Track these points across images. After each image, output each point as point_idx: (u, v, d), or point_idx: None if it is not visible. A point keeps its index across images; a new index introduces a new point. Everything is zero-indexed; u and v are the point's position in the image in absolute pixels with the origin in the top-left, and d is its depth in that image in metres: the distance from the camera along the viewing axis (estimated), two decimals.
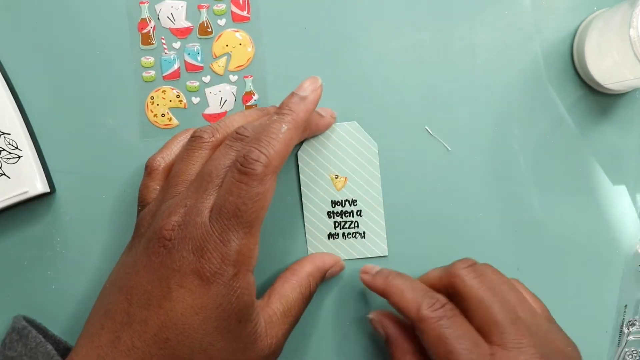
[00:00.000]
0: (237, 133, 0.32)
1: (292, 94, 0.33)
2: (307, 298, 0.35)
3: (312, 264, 0.37)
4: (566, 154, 0.40)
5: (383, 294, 0.35)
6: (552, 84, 0.40)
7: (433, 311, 0.31)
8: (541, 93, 0.40)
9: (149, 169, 0.35)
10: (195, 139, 0.34)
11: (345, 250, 0.39)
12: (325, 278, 0.38)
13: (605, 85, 0.38)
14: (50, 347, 0.34)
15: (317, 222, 0.40)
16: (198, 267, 0.29)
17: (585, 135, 0.40)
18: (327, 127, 0.39)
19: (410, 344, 0.35)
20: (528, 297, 0.35)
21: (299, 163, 0.40)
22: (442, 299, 0.32)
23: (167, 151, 0.36)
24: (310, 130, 0.38)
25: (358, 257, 0.40)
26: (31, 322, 0.38)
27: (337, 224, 0.39)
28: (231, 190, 0.30)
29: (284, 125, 0.31)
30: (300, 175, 0.40)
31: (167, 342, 0.30)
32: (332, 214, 0.39)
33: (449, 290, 0.33)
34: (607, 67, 0.37)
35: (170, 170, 0.35)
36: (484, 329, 0.31)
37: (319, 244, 0.40)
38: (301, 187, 0.40)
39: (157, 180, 0.35)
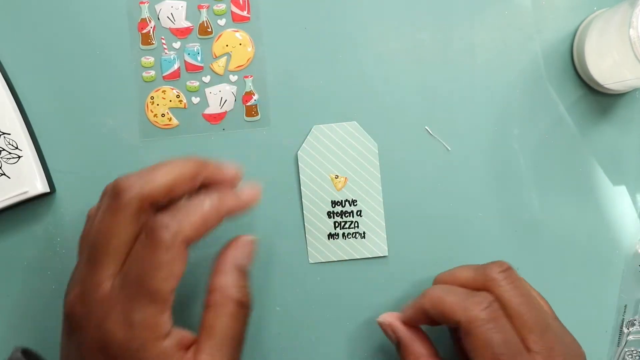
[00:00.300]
0: (113, 188, 0.30)
1: (230, 188, 0.32)
2: (239, 314, 0.30)
3: (222, 272, 0.31)
4: (566, 154, 0.40)
5: (423, 313, 0.33)
6: (552, 84, 0.40)
7: (482, 310, 0.30)
8: (541, 93, 0.40)
9: (87, 218, 0.34)
10: (103, 194, 0.32)
11: (345, 250, 0.39)
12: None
13: (605, 85, 0.38)
14: None
15: (317, 222, 0.40)
16: (104, 344, 0.28)
17: (585, 135, 0.40)
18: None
19: (424, 347, 0.34)
20: (536, 295, 0.35)
21: (299, 163, 0.40)
22: (487, 296, 0.31)
23: None
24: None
25: (358, 257, 0.40)
26: (31, 355, 0.36)
27: (337, 224, 0.39)
28: (136, 257, 0.28)
29: (206, 202, 0.30)
30: (300, 175, 0.40)
31: None
32: (332, 214, 0.39)
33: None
34: (607, 67, 0.37)
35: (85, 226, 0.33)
36: (519, 334, 0.31)
37: (319, 244, 0.40)
38: (301, 187, 0.40)
39: None
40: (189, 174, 0.31)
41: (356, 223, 0.39)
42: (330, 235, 0.40)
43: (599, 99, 0.40)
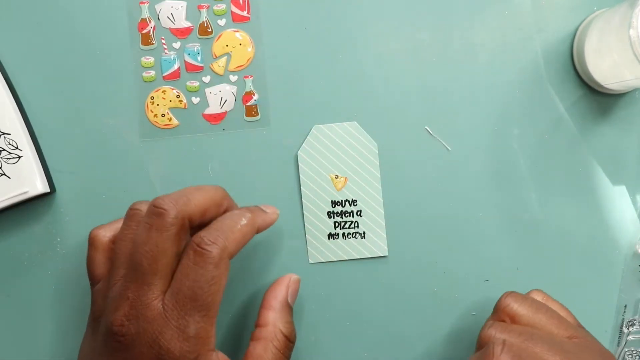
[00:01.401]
0: (154, 207, 0.31)
1: (257, 206, 0.35)
2: (286, 348, 0.33)
3: (272, 308, 0.34)
4: (566, 154, 0.40)
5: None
6: (552, 84, 0.40)
7: None
8: (541, 93, 0.40)
9: (91, 241, 0.35)
10: (132, 214, 0.33)
11: (345, 250, 0.39)
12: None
13: (605, 85, 0.38)
14: None
15: (317, 222, 0.40)
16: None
17: (585, 135, 0.40)
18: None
19: None
20: (556, 308, 0.34)
21: (299, 163, 0.40)
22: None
23: (115, 224, 0.35)
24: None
25: (358, 257, 0.40)
26: None
27: (337, 224, 0.39)
28: (187, 273, 0.30)
29: (243, 219, 0.32)
30: (301, 175, 0.40)
31: None
32: (332, 214, 0.39)
33: None
34: (607, 67, 0.37)
35: (114, 247, 0.34)
36: None
37: (319, 244, 0.40)
38: (301, 187, 0.40)
39: (102, 252, 0.34)
40: (218, 200, 0.33)
41: (356, 223, 0.39)
42: (331, 235, 0.40)
43: (599, 99, 0.40)
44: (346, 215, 0.39)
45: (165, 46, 0.40)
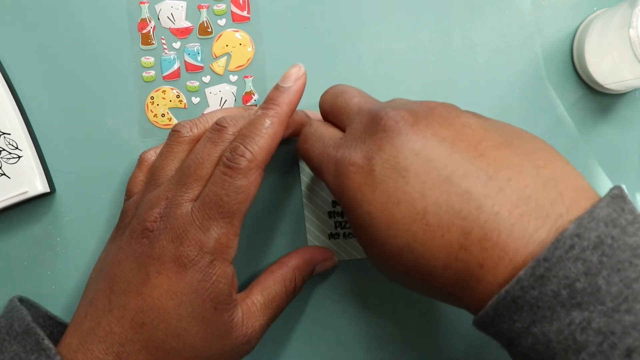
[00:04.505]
0: (216, 124, 0.33)
1: (276, 87, 0.34)
2: (291, 292, 0.35)
3: (300, 257, 0.37)
4: (566, 154, 0.40)
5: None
6: (552, 84, 0.40)
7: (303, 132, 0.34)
8: (541, 93, 0.40)
9: (140, 160, 0.37)
10: (173, 134, 0.35)
11: (347, 250, 0.39)
12: (315, 272, 0.38)
13: (605, 85, 0.38)
14: (25, 311, 0.33)
15: (318, 222, 0.39)
16: (176, 255, 0.30)
17: (585, 135, 0.40)
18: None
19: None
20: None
21: (300, 163, 0.40)
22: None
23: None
24: (295, 129, 0.37)
25: (359, 257, 0.40)
26: (26, 302, 0.36)
27: (338, 224, 0.39)
28: (216, 182, 0.31)
29: (267, 120, 0.32)
30: (301, 175, 0.40)
31: (142, 327, 0.30)
32: (333, 214, 0.39)
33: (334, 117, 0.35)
34: (607, 67, 0.37)
35: (154, 161, 0.36)
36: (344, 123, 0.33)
37: (320, 244, 0.39)
38: (302, 187, 0.40)
39: (144, 172, 0.36)
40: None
41: None
42: (331, 235, 0.40)
43: (599, 99, 0.40)
44: None
45: (165, 46, 0.40)
